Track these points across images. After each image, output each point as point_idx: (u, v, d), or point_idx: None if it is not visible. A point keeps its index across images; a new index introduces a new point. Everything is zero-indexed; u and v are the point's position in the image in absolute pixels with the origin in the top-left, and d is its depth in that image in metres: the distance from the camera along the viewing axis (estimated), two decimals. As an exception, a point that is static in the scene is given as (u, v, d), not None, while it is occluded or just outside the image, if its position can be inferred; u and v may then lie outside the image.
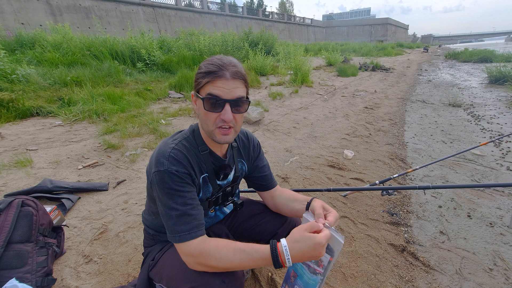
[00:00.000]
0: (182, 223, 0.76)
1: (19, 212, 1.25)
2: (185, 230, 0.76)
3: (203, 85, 0.77)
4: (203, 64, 0.80)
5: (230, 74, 0.76)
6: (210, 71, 0.76)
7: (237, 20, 28.79)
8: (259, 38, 11.75)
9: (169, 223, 0.78)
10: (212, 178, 0.92)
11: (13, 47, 5.91)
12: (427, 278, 1.42)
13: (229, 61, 0.78)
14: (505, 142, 3.33)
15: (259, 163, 1.10)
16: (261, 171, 1.09)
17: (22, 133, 3.09)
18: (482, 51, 15.64)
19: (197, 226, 0.78)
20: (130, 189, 2.12)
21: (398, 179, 2.46)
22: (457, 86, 7.81)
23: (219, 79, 0.75)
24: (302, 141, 3.31)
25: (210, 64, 0.77)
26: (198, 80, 0.79)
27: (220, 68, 0.76)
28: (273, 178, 1.13)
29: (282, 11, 57.62)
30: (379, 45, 27.25)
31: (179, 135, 0.89)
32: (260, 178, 1.09)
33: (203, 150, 0.88)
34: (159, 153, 0.81)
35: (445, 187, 2.15)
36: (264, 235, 1.11)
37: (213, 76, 0.75)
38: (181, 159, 0.80)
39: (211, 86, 0.76)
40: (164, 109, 4.35)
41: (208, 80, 0.76)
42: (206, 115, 0.79)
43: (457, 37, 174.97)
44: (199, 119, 0.85)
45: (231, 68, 0.77)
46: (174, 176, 0.77)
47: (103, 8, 16.45)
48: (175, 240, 0.77)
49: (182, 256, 0.77)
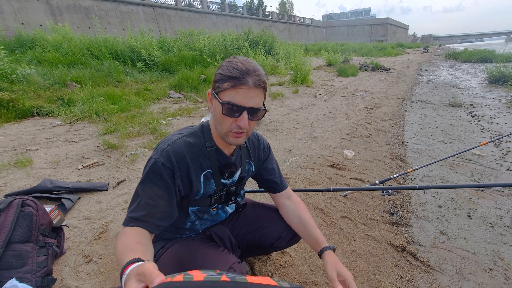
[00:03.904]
0: (134, 210, 0.78)
1: (19, 212, 1.24)
2: (132, 218, 0.77)
3: (224, 89, 0.76)
4: (226, 66, 0.77)
5: (253, 82, 0.75)
6: (234, 76, 0.74)
7: (237, 20, 28.78)
8: (259, 38, 11.76)
9: (131, 204, 0.80)
10: (216, 175, 0.91)
11: (13, 47, 5.91)
12: (427, 278, 1.42)
13: (253, 68, 0.77)
14: (505, 142, 3.33)
15: (268, 165, 1.09)
16: (270, 173, 1.09)
17: (22, 133, 3.09)
18: (482, 51, 15.64)
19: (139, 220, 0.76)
20: (130, 189, 2.12)
21: (398, 179, 2.46)
22: (457, 86, 7.81)
23: (241, 87, 0.74)
24: (302, 141, 3.31)
25: (234, 69, 0.75)
26: (219, 82, 0.77)
27: (244, 75, 0.74)
28: (283, 181, 1.13)
29: (282, 11, 57.60)
30: (379, 45, 27.25)
31: (186, 130, 0.90)
32: (269, 181, 1.10)
33: (210, 146, 0.88)
34: (161, 143, 0.84)
35: (445, 187, 2.16)
36: (267, 239, 1.11)
37: (236, 82, 0.74)
38: (175, 155, 0.81)
39: (233, 92, 0.75)
40: (164, 109, 4.35)
41: (230, 85, 0.75)
42: (222, 118, 0.78)
43: (457, 37, 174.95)
44: (214, 118, 0.84)
45: (255, 77, 0.75)
46: (157, 168, 0.79)
47: (103, 8, 16.44)
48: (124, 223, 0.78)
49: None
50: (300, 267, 1.43)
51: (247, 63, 0.77)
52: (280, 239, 1.11)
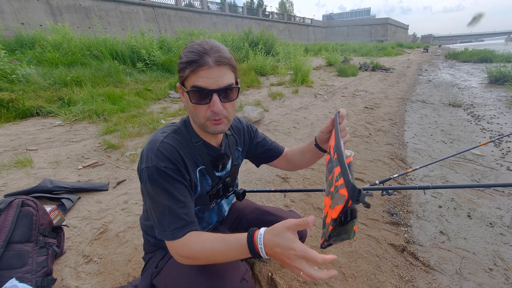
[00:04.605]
0: (173, 222, 0.72)
1: (19, 212, 1.25)
2: (178, 228, 0.72)
3: (186, 77, 0.72)
4: (183, 53, 0.73)
5: (213, 61, 0.70)
6: (191, 60, 0.70)
7: (237, 20, 28.78)
8: (259, 38, 11.75)
9: (159, 220, 0.74)
10: (210, 170, 0.88)
11: (13, 47, 5.91)
12: (427, 278, 1.42)
13: (211, 46, 0.71)
14: (505, 142, 3.32)
15: (258, 139, 1.08)
16: (262, 145, 1.08)
17: (22, 133, 3.09)
18: (482, 51, 15.63)
19: (187, 224, 0.74)
20: (130, 189, 2.12)
21: (398, 179, 2.46)
22: (457, 86, 7.81)
23: (202, 68, 0.69)
24: (302, 141, 3.31)
25: (190, 52, 0.71)
26: (181, 71, 0.73)
27: (201, 55, 0.69)
28: (279, 145, 1.12)
29: (282, 11, 57.62)
30: (379, 45, 27.24)
31: (169, 128, 0.84)
32: (265, 151, 1.09)
33: (197, 141, 0.84)
34: (148, 148, 0.76)
35: (445, 187, 2.15)
36: None
37: (195, 65, 0.69)
38: (170, 154, 0.75)
39: (195, 77, 0.70)
40: (164, 109, 4.35)
41: (190, 70, 0.70)
42: (194, 108, 0.74)
43: (457, 37, 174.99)
44: (189, 113, 0.81)
45: (213, 54, 0.70)
46: (163, 173, 0.73)
47: (103, 8, 16.44)
48: (166, 238, 0.73)
49: (171, 252, 0.74)
50: (300, 267, 1.43)
51: (205, 42, 0.73)
52: None
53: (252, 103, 4.90)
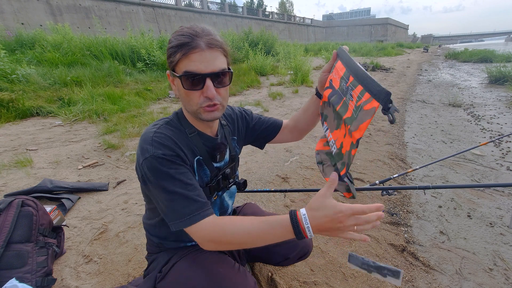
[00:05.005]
0: (187, 205, 0.69)
1: (19, 212, 1.25)
2: (194, 211, 0.68)
3: (177, 62, 0.69)
4: (173, 37, 0.70)
5: (205, 43, 0.67)
6: (182, 43, 0.66)
7: (237, 20, 28.78)
8: (259, 38, 11.76)
9: (172, 210, 0.69)
10: (207, 161, 0.85)
11: (13, 47, 5.92)
12: (427, 278, 1.42)
13: (202, 29, 0.69)
14: (505, 142, 3.32)
15: (255, 121, 1.06)
16: (261, 124, 1.06)
17: (22, 133, 3.09)
18: (482, 51, 15.63)
19: (205, 205, 0.71)
20: (130, 189, 2.12)
21: (398, 179, 2.46)
22: (457, 86, 7.81)
23: (193, 52, 0.66)
24: (302, 141, 3.31)
25: (181, 35, 0.68)
26: (171, 56, 0.69)
27: (193, 38, 0.66)
28: (276, 119, 1.10)
29: (282, 11, 57.62)
30: (379, 45, 27.25)
31: (160, 120, 0.81)
32: (265, 130, 1.06)
33: (191, 132, 0.80)
34: (142, 141, 0.73)
35: (445, 187, 2.15)
36: (274, 257, 1.07)
37: (186, 49, 0.66)
38: (165, 141, 0.72)
39: (186, 61, 0.67)
40: (164, 109, 4.35)
41: (182, 54, 0.67)
42: (187, 94, 0.71)
43: (457, 37, 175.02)
44: (181, 100, 0.77)
45: (205, 37, 0.68)
46: (163, 160, 0.69)
47: (103, 8, 16.44)
48: (185, 224, 0.68)
49: (195, 238, 0.70)
50: (300, 267, 1.43)
51: (195, 26, 0.70)
52: (287, 260, 1.07)
53: (252, 103, 4.90)
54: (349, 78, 0.71)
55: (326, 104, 0.86)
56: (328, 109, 0.83)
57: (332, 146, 0.76)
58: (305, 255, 1.11)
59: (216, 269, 0.82)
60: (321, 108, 0.91)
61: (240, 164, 2.61)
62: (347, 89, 0.71)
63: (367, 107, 0.60)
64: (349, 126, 0.65)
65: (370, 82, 0.62)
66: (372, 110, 0.59)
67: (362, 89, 0.64)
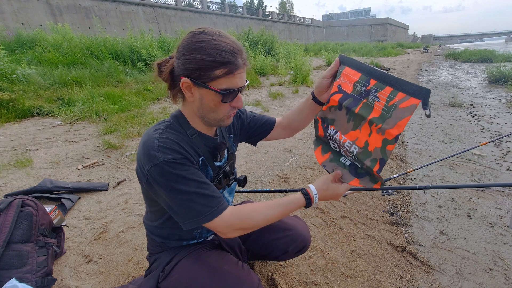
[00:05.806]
0: (206, 202, 0.72)
1: (19, 212, 1.25)
2: (214, 206, 0.73)
3: (216, 77, 0.68)
4: (208, 49, 0.67)
5: (243, 62, 0.71)
6: (227, 61, 0.67)
7: (237, 20, 28.78)
8: (259, 38, 11.76)
9: (190, 208, 0.72)
10: (210, 161, 0.87)
11: (13, 47, 5.91)
12: (427, 278, 1.42)
13: (239, 46, 0.71)
14: (505, 142, 3.33)
15: (249, 119, 1.08)
16: (255, 122, 1.08)
17: (22, 133, 3.09)
18: (482, 51, 15.63)
19: (221, 198, 0.76)
20: (130, 189, 2.12)
21: (398, 179, 2.46)
22: (457, 86, 7.81)
23: (237, 71, 0.69)
24: (302, 141, 3.31)
25: (223, 51, 0.66)
26: (206, 70, 0.67)
27: (235, 56, 0.68)
28: (270, 117, 1.12)
29: (282, 11, 57.64)
30: (379, 45, 27.25)
31: (161, 125, 0.81)
32: (259, 127, 1.08)
33: (192, 134, 0.82)
34: (147, 148, 0.72)
35: (445, 187, 2.15)
36: (273, 251, 1.10)
37: (231, 68, 0.67)
38: (172, 145, 0.73)
39: (230, 79, 0.68)
40: (164, 109, 4.35)
41: (224, 72, 0.67)
42: (219, 106, 0.74)
43: (457, 37, 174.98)
44: (203, 107, 0.76)
45: (243, 55, 0.71)
46: (174, 164, 0.70)
47: (103, 8, 16.44)
48: (207, 219, 0.72)
49: (219, 229, 0.75)
50: (300, 267, 1.43)
51: (229, 40, 0.70)
52: (286, 253, 1.09)
53: (252, 103, 4.90)
54: (369, 81, 0.77)
55: (334, 108, 0.87)
56: (338, 113, 0.86)
57: (350, 147, 0.82)
58: (303, 248, 1.12)
59: (220, 267, 0.85)
60: (323, 113, 0.92)
61: (240, 164, 2.62)
62: (368, 92, 0.77)
63: (404, 104, 0.68)
64: (380, 124, 0.72)
65: (403, 82, 0.69)
66: (413, 107, 0.66)
67: (392, 89, 0.71)
